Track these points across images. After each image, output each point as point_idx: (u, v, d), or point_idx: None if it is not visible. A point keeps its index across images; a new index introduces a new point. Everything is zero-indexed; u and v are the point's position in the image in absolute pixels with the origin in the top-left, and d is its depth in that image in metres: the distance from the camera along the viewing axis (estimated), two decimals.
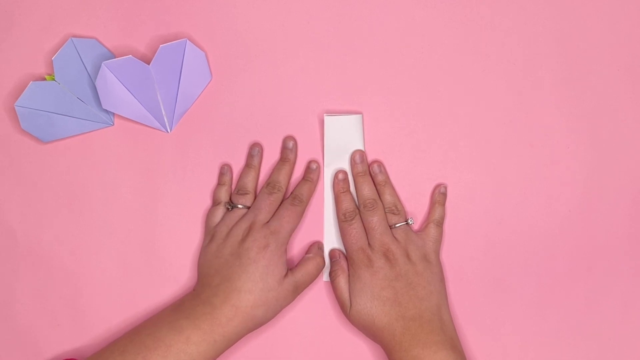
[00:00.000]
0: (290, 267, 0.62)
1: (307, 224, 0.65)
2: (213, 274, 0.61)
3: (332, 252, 0.65)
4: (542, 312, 0.65)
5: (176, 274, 0.65)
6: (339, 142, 0.65)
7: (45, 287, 0.65)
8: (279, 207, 0.63)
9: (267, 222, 0.62)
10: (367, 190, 0.64)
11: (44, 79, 0.65)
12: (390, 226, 0.63)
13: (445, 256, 0.65)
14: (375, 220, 0.63)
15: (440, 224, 0.65)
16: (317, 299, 0.65)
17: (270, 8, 0.66)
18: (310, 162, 0.65)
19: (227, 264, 0.60)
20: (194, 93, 0.66)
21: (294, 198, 0.63)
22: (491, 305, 0.65)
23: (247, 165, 0.65)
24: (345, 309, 0.62)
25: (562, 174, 0.65)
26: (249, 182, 0.64)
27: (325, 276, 0.65)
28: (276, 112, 0.66)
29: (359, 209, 0.64)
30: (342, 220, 0.64)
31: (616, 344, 0.65)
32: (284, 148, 0.65)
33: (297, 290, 0.62)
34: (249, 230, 0.61)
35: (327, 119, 0.65)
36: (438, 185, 0.65)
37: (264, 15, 0.66)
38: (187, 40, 0.64)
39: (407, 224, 0.64)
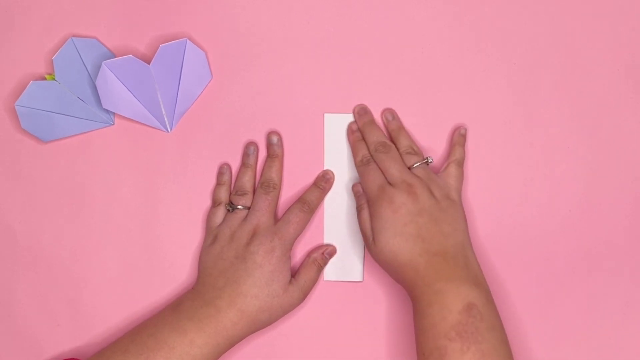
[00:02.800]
0: (292, 271, 0.62)
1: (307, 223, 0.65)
2: (217, 275, 0.60)
3: (355, 187, 0.64)
4: (542, 312, 0.65)
5: (176, 274, 0.65)
6: (340, 141, 0.65)
7: (45, 287, 0.65)
8: (287, 211, 0.63)
9: (272, 224, 0.62)
10: (376, 135, 0.62)
11: (44, 79, 0.65)
12: (409, 167, 0.61)
13: None
14: (390, 158, 0.61)
15: (461, 164, 0.63)
16: (317, 299, 0.65)
17: (270, 8, 0.66)
18: (326, 171, 0.65)
19: (232, 267, 0.60)
20: (194, 93, 0.66)
21: (304, 204, 0.63)
22: None
23: (244, 164, 0.65)
24: (368, 243, 0.60)
25: (562, 174, 0.65)
26: (247, 182, 0.64)
27: (325, 276, 0.65)
28: (276, 112, 0.66)
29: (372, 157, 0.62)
30: (360, 166, 0.62)
31: (616, 344, 0.64)
32: (269, 144, 0.65)
33: (301, 296, 0.62)
34: (254, 233, 0.61)
35: (328, 118, 0.65)
36: (458, 127, 0.64)
37: (264, 15, 0.66)
38: (187, 40, 0.64)
39: (427, 162, 0.62)
